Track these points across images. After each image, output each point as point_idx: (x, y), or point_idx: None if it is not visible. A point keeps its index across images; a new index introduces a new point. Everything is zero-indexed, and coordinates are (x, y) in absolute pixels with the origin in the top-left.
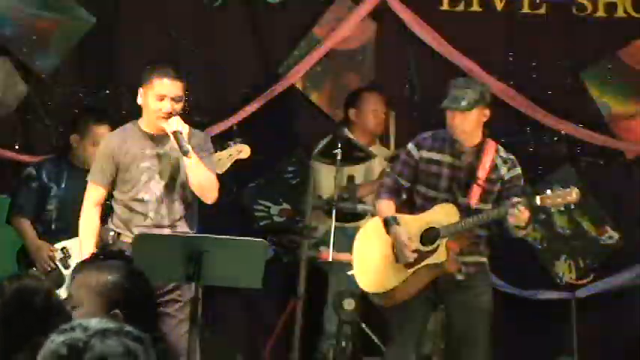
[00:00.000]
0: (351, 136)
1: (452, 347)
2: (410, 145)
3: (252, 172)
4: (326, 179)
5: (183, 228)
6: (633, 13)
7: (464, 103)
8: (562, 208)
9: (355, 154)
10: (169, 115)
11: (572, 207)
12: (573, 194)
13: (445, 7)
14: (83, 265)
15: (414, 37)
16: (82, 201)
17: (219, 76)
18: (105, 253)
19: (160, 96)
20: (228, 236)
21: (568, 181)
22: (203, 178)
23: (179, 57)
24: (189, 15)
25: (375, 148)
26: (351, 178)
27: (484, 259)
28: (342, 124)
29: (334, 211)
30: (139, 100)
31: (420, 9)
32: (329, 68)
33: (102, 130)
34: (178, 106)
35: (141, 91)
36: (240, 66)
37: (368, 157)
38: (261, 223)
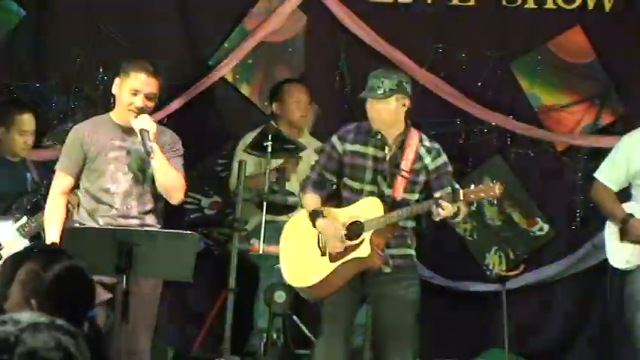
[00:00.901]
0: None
1: (379, 339)
2: (333, 138)
3: (182, 165)
4: (257, 172)
5: (150, 221)
6: (563, 5)
7: (380, 92)
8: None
9: (285, 147)
10: (141, 110)
11: (505, 199)
12: (496, 189)
13: None
14: (15, 256)
15: (344, 29)
16: (7, 192)
17: None
18: (36, 245)
19: (134, 90)
20: (158, 229)
21: (498, 172)
22: (168, 178)
23: (108, 50)
24: (118, 8)
25: (304, 138)
26: (281, 171)
27: (412, 252)
28: (272, 117)
29: (265, 204)
30: (114, 90)
31: (349, 1)
32: (259, 60)
33: (26, 118)
34: (151, 103)
35: (117, 81)
36: (170, 58)
37: (298, 149)
38: (192, 216)
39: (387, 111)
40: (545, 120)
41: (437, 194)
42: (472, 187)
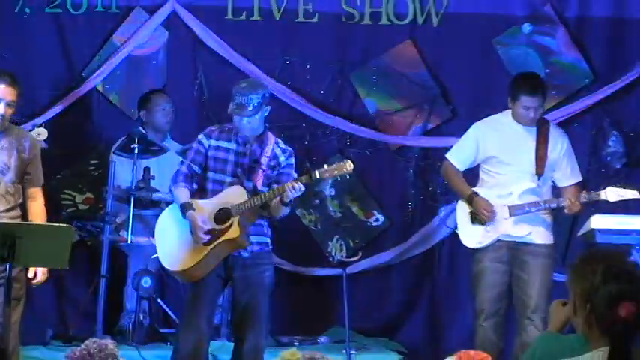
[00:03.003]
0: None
1: (237, 318)
2: (200, 136)
3: (58, 165)
4: (124, 171)
5: (17, 214)
6: (395, 21)
7: (250, 109)
8: (333, 193)
9: (150, 149)
10: (2, 117)
11: (345, 193)
12: (347, 166)
13: (229, 16)
14: None
15: (202, 43)
16: None
17: (28, 79)
18: None
19: None
20: (38, 222)
21: None
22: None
23: None
24: (1, 24)
25: (168, 143)
26: (146, 171)
27: (267, 240)
28: (138, 123)
29: (132, 200)
30: None
31: (207, 18)
32: (127, 72)
33: None
34: (11, 110)
35: None
36: (48, 70)
37: (161, 151)
38: (68, 211)
39: (255, 122)
40: (380, 123)
41: (292, 179)
42: (326, 167)
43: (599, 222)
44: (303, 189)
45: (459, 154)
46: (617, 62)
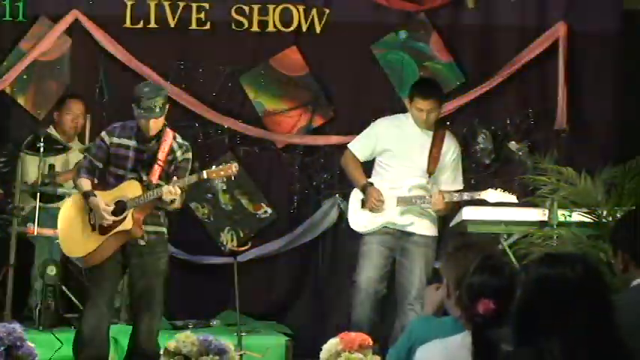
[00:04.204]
0: (53, 132)
1: (135, 301)
2: (103, 133)
3: None
4: (31, 168)
5: None
6: (281, 28)
7: (157, 111)
8: (224, 187)
9: (55, 147)
10: None
11: (235, 188)
12: (233, 167)
13: (128, 24)
14: None
15: (102, 49)
16: None
17: None
18: None
19: None
20: None
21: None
22: None
23: None
24: None
25: (74, 143)
26: (51, 167)
27: (163, 229)
28: (44, 123)
29: (38, 194)
30: None
31: (107, 26)
32: (33, 76)
33: None
34: None
35: None
36: None
37: (65, 149)
38: None
39: (161, 122)
40: (268, 123)
41: (173, 180)
42: (214, 167)
43: (470, 213)
44: (179, 192)
45: (360, 146)
46: (487, 66)
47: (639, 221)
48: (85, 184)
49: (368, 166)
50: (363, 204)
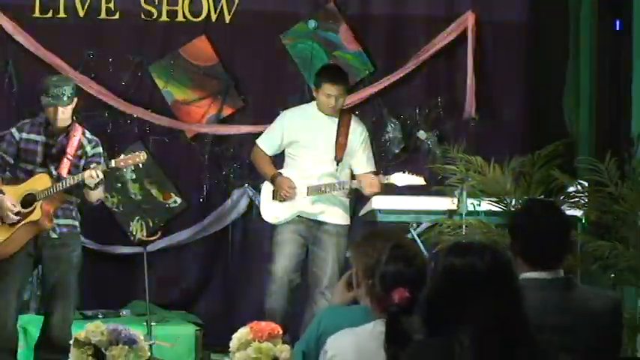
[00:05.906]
0: None
1: (47, 294)
2: (12, 129)
3: None
4: None
5: None
6: (191, 18)
7: (65, 99)
8: (134, 177)
9: None
10: None
11: (144, 177)
12: (141, 156)
13: (37, 14)
14: None
15: (11, 38)
16: None
17: None
18: None
19: None
20: None
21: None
22: None
23: None
24: None
25: None
26: None
27: (76, 222)
28: None
29: None
30: None
31: (15, 16)
32: None
33: None
34: None
35: None
36: None
37: None
38: None
39: (68, 112)
40: (177, 112)
41: (91, 166)
42: (122, 156)
43: (379, 202)
44: (101, 175)
45: (267, 140)
46: (395, 55)
47: (532, 214)
48: None
49: (280, 160)
50: (274, 195)
